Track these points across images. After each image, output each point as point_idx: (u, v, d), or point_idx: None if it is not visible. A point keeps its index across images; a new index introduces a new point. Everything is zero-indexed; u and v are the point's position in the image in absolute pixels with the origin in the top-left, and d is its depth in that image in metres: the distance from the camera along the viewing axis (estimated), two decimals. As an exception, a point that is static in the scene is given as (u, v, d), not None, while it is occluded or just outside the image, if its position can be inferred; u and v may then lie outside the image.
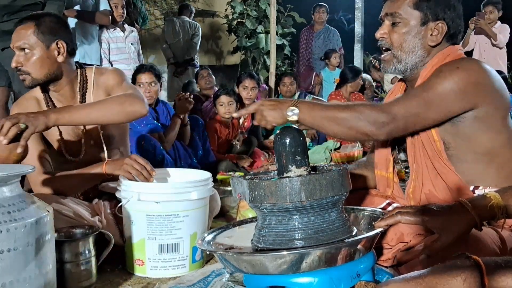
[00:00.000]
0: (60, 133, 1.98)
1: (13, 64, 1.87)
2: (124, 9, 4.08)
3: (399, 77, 1.79)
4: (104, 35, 3.98)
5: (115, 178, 1.89)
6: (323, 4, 6.70)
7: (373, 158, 1.82)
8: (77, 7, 3.68)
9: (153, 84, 3.41)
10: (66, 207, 1.86)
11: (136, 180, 1.77)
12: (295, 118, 1.49)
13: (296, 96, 5.15)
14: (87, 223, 1.82)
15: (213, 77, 5.13)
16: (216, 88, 5.01)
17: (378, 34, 1.63)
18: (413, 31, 1.58)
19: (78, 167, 1.92)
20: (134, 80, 3.45)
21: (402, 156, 1.72)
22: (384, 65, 1.68)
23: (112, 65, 4.04)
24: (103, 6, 3.83)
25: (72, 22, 3.68)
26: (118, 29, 4.07)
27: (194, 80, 5.41)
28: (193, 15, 6.50)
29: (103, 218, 1.92)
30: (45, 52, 1.87)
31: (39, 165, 1.87)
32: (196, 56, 6.41)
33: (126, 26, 4.19)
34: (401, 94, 1.72)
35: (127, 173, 1.77)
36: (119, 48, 4.07)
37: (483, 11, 5.54)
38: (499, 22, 5.58)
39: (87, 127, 2.00)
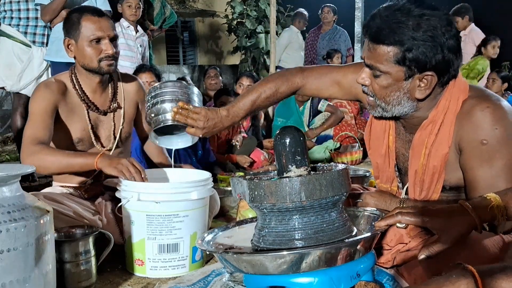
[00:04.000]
0: (94, 123, 2.06)
1: (112, 52, 1.98)
2: (139, 9, 4.04)
3: None
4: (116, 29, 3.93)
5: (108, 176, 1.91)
6: (330, 4, 6.62)
7: (299, 78, 1.76)
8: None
9: (153, 83, 3.43)
10: (66, 206, 1.86)
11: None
12: (403, 226, 1.38)
13: (308, 102, 5.05)
14: (87, 223, 1.83)
15: (220, 78, 5.10)
16: None
17: (359, 80, 1.48)
18: (396, 86, 1.42)
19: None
20: None
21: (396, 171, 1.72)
22: (369, 109, 1.54)
23: None
24: (103, 6, 3.82)
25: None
26: (132, 27, 4.04)
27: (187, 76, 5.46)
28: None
29: (104, 217, 1.93)
30: None
31: (38, 133, 1.88)
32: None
33: (139, 27, 4.17)
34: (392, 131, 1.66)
35: (120, 173, 1.75)
36: (128, 44, 4.04)
37: None
38: (469, 27, 5.70)
39: (117, 125, 2.13)
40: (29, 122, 1.93)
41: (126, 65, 3.99)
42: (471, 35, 5.68)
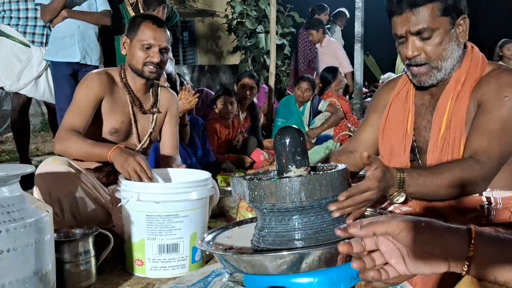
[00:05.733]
0: (135, 118, 2.16)
1: (157, 60, 2.11)
2: (166, 9, 4.00)
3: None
4: None
5: None
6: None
7: (351, 147, 1.85)
8: (77, 8, 3.67)
9: (166, 82, 3.52)
10: (88, 178, 1.99)
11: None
12: (401, 200, 1.41)
13: (308, 102, 4.99)
14: (101, 200, 1.95)
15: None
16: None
17: (409, 54, 1.54)
18: (447, 37, 1.52)
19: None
20: None
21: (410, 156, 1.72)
22: (421, 79, 1.58)
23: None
24: (103, 6, 3.81)
25: (73, 23, 3.67)
26: None
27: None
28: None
29: (115, 208, 1.93)
30: None
31: (74, 122, 2.00)
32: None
33: None
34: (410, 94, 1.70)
35: (126, 172, 1.78)
36: None
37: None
38: (325, 39, 6.26)
39: (151, 127, 2.22)
40: (71, 108, 2.05)
41: (169, 68, 3.95)
42: (330, 46, 6.29)
